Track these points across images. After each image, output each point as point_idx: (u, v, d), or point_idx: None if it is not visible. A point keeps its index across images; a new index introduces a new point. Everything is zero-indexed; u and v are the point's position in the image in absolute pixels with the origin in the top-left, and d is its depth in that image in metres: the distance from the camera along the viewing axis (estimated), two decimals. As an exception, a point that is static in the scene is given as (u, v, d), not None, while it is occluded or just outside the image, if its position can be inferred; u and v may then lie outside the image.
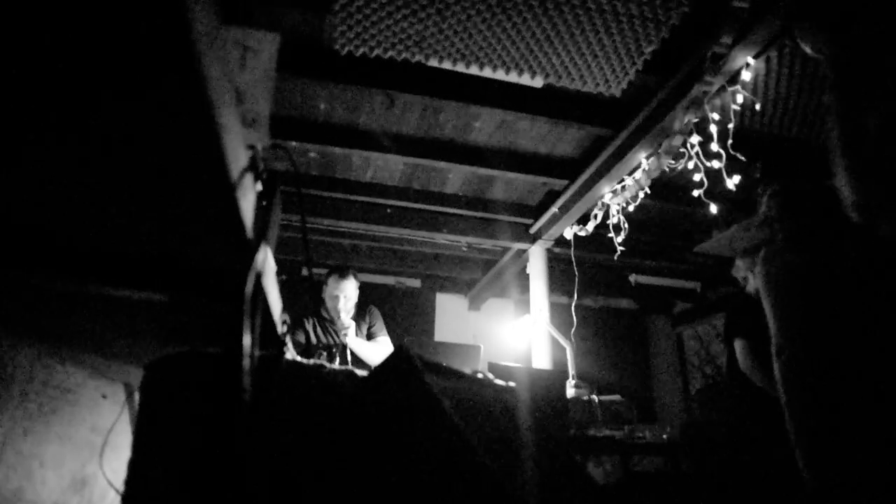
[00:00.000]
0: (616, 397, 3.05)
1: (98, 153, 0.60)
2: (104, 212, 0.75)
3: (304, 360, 1.27)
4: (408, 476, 0.82)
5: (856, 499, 1.54)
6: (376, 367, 1.08)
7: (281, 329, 1.19)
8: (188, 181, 0.64)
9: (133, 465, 1.06)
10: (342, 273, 3.15)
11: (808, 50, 1.46)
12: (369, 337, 3.25)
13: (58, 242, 0.86)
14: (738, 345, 2.83)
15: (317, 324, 3.21)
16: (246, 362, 0.68)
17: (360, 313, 3.27)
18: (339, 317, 3.06)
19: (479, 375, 1.65)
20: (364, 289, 3.35)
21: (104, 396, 1.65)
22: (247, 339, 0.69)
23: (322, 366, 1.23)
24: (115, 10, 0.40)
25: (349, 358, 3.05)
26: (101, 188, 0.68)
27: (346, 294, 3.11)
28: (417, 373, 0.96)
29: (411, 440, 0.86)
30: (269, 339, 1.16)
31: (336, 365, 3.02)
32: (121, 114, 0.53)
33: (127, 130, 0.55)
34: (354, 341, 3.06)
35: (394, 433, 0.88)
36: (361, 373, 1.20)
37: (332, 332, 3.17)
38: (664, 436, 2.69)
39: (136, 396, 1.61)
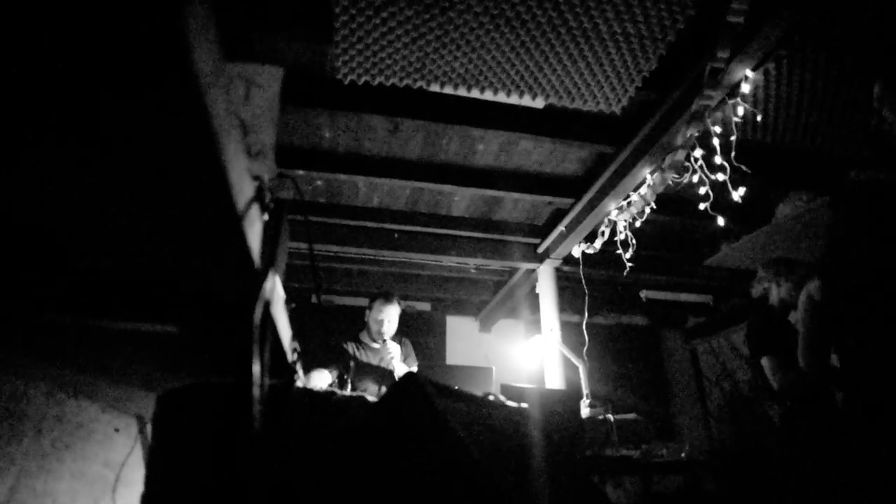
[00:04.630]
0: (632, 415, 3.00)
1: (107, 187, 0.62)
2: (114, 246, 0.77)
3: (315, 388, 1.27)
4: (420, 500, 0.81)
5: None
6: (387, 393, 1.08)
7: (291, 357, 1.20)
8: (195, 215, 0.66)
9: (146, 500, 1.06)
10: (387, 298, 3.28)
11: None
12: None
13: (70, 277, 0.87)
14: (766, 363, 2.75)
15: (357, 348, 3.27)
16: (256, 391, 0.69)
17: (394, 342, 3.33)
18: (383, 340, 3.15)
19: (491, 398, 1.64)
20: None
21: (117, 430, 1.65)
22: (256, 368, 0.70)
23: (333, 392, 1.22)
24: (121, 54, 0.42)
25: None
26: (111, 224, 0.70)
27: (389, 318, 3.23)
28: (428, 397, 0.95)
29: (423, 465, 0.85)
30: (280, 368, 1.16)
31: (347, 391, 3.00)
32: (127, 151, 0.54)
33: (134, 168, 0.57)
34: (401, 367, 3.10)
35: (405, 458, 0.87)
36: (372, 398, 1.20)
37: (371, 356, 3.23)
38: (682, 454, 2.64)
39: (149, 429, 1.61)
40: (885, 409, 1.68)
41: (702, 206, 2.79)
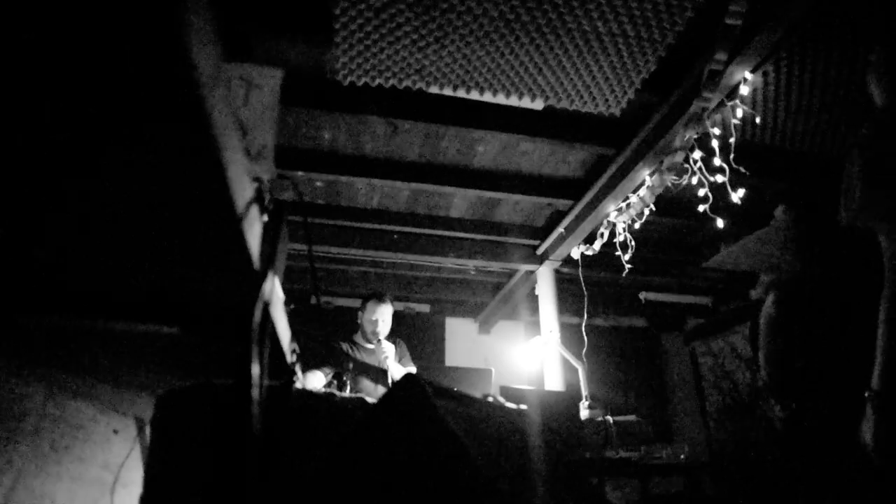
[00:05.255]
0: (631, 417, 3.00)
1: (107, 189, 0.61)
2: (114, 248, 0.76)
3: (315, 389, 1.27)
4: (420, 501, 0.81)
5: None
6: (386, 394, 1.08)
7: (290, 358, 1.20)
8: (194, 215, 0.66)
9: (144, 502, 1.05)
10: (380, 298, 3.29)
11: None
12: None
13: (69, 278, 0.87)
14: None
15: (351, 349, 3.26)
16: (255, 392, 0.68)
17: (389, 342, 3.31)
18: (378, 340, 3.15)
19: (490, 399, 1.64)
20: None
21: (116, 431, 1.64)
22: (255, 369, 0.69)
23: (332, 394, 1.22)
24: (122, 52, 0.42)
25: (390, 382, 3.05)
26: (110, 226, 0.70)
27: (383, 318, 3.24)
28: (427, 398, 0.95)
29: (423, 466, 0.85)
30: (279, 369, 1.16)
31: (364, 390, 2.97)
32: (127, 154, 0.54)
33: (134, 169, 0.57)
34: (395, 367, 3.09)
35: (404, 459, 0.87)
36: (372, 400, 1.20)
37: (365, 356, 3.22)
38: (682, 455, 2.64)
39: (148, 431, 1.61)
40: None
41: (701, 208, 2.80)
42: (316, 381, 2.95)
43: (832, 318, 1.82)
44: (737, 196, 2.64)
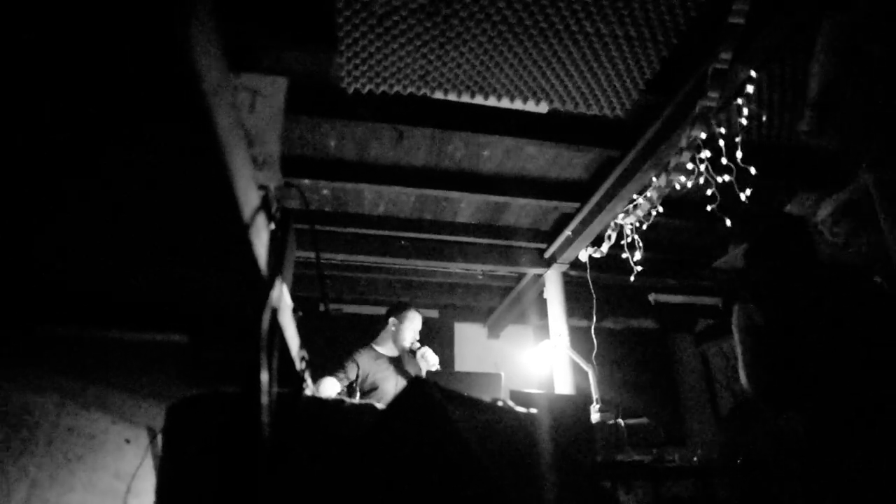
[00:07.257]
0: (643, 420, 2.98)
1: (114, 197, 0.62)
2: (122, 257, 0.77)
3: (324, 396, 1.27)
4: (430, 508, 0.81)
5: None
6: (395, 399, 1.07)
7: (299, 365, 1.20)
8: (202, 224, 0.66)
9: (157, 510, 1.06)
10: (414, 307, 3.29)
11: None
12: None
13: (77, 289, 0.88)
14: None
15: (371, 358, 3.19)
16: (264, 400, 0.69)
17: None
18: (419, 348, 3.11)
19: (500, 404, 1.63)
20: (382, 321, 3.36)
21: (128, 441, 1.65)
22: (264, 377, 0.70)
23: (342, 401, 1.22)
24: (128, 66, 0.42)
25: None
26: (118, 234, 0.70)
27: (420, 326, 3.25)
28: (437, 404, 0.95)
29: (432, 471, 0.85)
30: (289, 376, 1.16)
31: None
32: (134, 163, 0.55)
33: (141, 179, 0.57)
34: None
35: (414, 465, 0.87)
36: (381, 406, 1.20)
37: (391, 364, 3.18)
38: (694, 458, 2.61)
39: (159, 440, 1.61)
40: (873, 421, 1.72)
41: (709, 208, 2.78)
42: (330, 387, 2.91)
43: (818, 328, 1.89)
44: (744, 195, 2.62)
